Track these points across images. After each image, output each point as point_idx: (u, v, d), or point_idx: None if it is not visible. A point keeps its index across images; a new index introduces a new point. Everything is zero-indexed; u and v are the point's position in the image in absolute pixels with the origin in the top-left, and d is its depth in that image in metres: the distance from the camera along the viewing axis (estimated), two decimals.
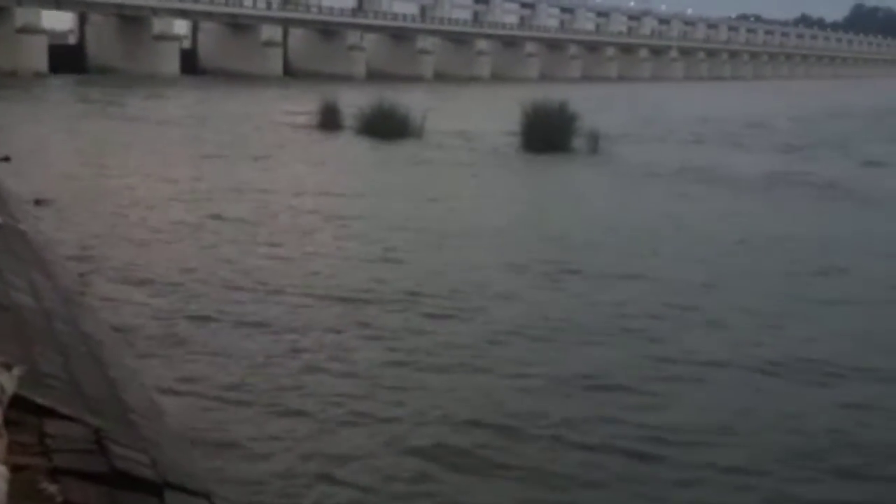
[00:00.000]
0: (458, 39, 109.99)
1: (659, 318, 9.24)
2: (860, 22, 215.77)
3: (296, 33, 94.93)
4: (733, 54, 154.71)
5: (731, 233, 14.07)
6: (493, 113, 36.51)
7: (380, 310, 9.31)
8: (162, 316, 8.92)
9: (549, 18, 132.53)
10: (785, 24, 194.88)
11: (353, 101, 31.00)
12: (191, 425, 6.12)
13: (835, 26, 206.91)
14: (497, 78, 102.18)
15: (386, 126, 28.22)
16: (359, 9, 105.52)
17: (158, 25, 76.84)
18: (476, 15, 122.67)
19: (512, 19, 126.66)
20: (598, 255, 12.30)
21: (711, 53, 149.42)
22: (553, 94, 27.31)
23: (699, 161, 24.02)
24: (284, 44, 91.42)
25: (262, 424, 6.44)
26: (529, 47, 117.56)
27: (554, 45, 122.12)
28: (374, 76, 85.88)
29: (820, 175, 21.65)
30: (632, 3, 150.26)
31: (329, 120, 30.98)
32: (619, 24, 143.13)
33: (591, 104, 36.20)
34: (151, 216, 14.41)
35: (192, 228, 13.47)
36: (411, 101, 31.66)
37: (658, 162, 23.61)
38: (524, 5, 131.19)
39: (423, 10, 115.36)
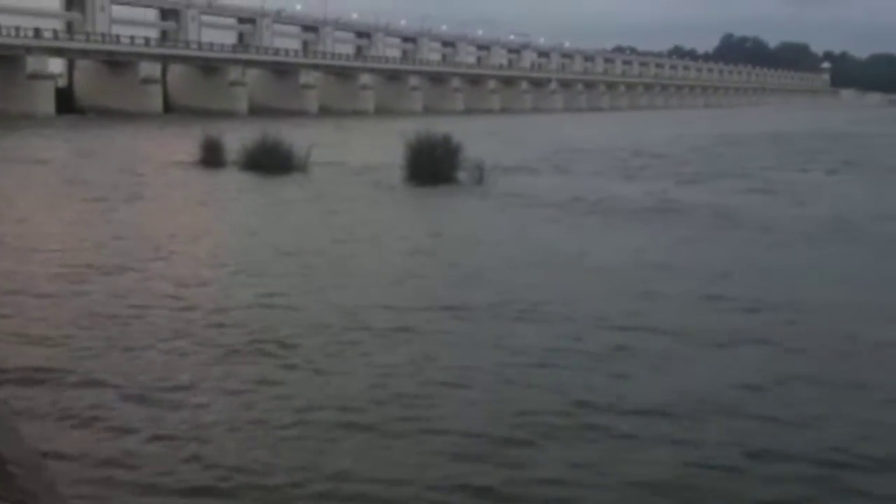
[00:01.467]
0: (342, 73, 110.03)
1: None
2: (729, 52, 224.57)
3: (175, 69, 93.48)
4: (610, 86, 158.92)
5: (600, 259, 14.39)
6: (379, 146, 36.60)
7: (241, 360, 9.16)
8: None
9: (431, 52, 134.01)
10: (659, 55, 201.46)
11: (236, 136, 30.61)
12: None
13: (706, 57, 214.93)
14: (381, 111, 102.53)
15: (270, 161, 27.96)
16: (240, 44, 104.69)
17: (32, 64, 74.66)
18: (359, 49, 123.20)
19: (395, 53, 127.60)
20: (484, 294, 12.35)
21: (589, 85, 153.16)
22: (438, 126, 27.49)
23: (584, 191, 24.47)
24: (164, 80, 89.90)
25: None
26: (413, 81, 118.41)
27: (437, 79, 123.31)
28: (258, 111, 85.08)
29: (701, 201, 22.27)
30: (511, 37, 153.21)
31: (212, 157, 30.49)
32: (499, 58, 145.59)
33: (476, 136, 36.66)
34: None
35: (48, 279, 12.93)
36: (295, 135, 31.44)
37: (541, 193, 23.97)
38: (406, 39, 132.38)
39: (305, 44, 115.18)
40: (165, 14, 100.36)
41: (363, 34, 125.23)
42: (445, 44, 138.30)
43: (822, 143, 50.75)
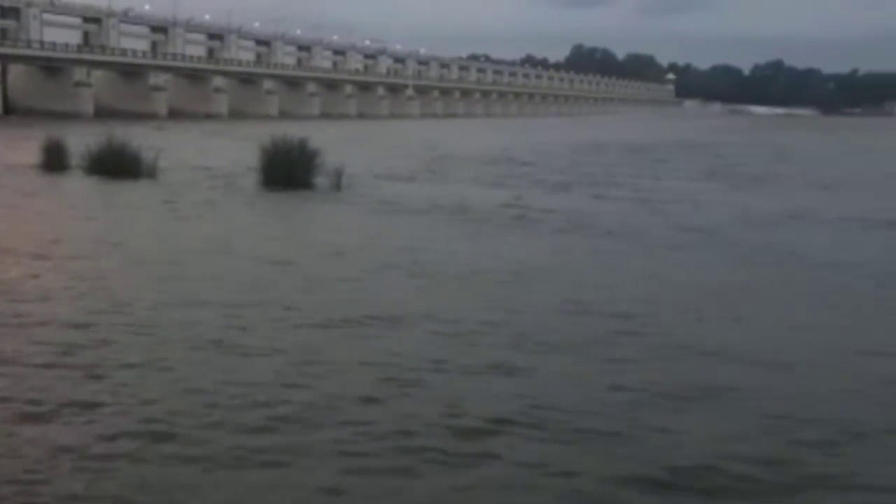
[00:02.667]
0: (193, 76, 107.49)
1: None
2: (580, 62, 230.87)
3: (16, 70, 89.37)
4: (466, 93, 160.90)
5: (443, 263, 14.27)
6: (232, 150, 35.65)
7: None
8: None
9: (286, 56, 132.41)
10: (512, 64, 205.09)
11: (81, 139, 29.20)
12: None
13: (557, 66, 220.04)
14: (236, 115, 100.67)
15: (117, 165, 26.76)
16: (85, 44, 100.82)
17: None
18: (211, 51, 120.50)
19: (249, 56, 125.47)
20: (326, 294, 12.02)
21: (445, 92, 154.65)
22: (293, 130, 26.92)
23: (446, 196, 24.36)
24: (3, 81, 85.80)
25: None
26: (268, 84, 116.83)
27: (292, 83, 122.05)
28: (104, 113, 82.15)
29: (571, 208, 22.49)
30: (367, 42, 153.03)
31: (54, 160, 29.02)
32: (355, 62, 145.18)
33: (334, 141, 36.17)
34: None
35: None
36: (144, 138, 30.27)
37: (400, 198, 23.76)
38: (260, 42, 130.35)
39: (154, 46, 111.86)
40: (5, 12, 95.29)
41: (215, 36, 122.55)
42: (301, 47, 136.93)
43: (678, 151, 52.50)
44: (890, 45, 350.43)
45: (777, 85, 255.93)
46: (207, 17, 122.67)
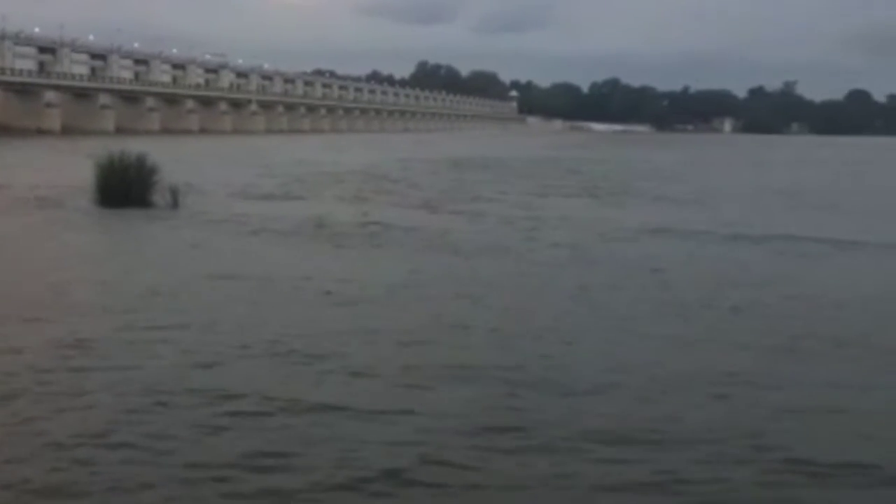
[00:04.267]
0: (23, 91, 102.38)
1: None
2: (425, 79, 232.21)
3: None
4: (311, 108, 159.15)
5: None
6: (65, 167, 33.71)
7: None
8: None
9: (122, 70, 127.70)
10: (358, 79, 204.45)
11: None
12: None
13: (402, 83, 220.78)
14: (69, 131, 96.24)
15: None
16: None
17: None
18: (42, 65, 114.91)
19: (83, 70, 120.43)
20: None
21: (290, 107, 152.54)
22: (131, 146, 25.54)
23: (285, 214, 23.57)
24: None
25: None
26: (103, 99, 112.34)
27: (130, 98, 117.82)
28: None
29: (426, 224, 22.02)
30: (208, 56, 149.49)
31: None
32: (196, 77, 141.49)
33: (175, 157, 34.69)
34: None
35: None
36: None
37: (241, 216, 22.81)
38: (95, 55, 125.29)
39: None
40: None
41: (47, 49, 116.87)
42: (138, 61, 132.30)
43: (537, 167, 53.12)
44: (718, 64, 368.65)
45: (614, 102, 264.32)
46: (37, 29, 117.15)
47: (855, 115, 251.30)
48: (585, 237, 20.23)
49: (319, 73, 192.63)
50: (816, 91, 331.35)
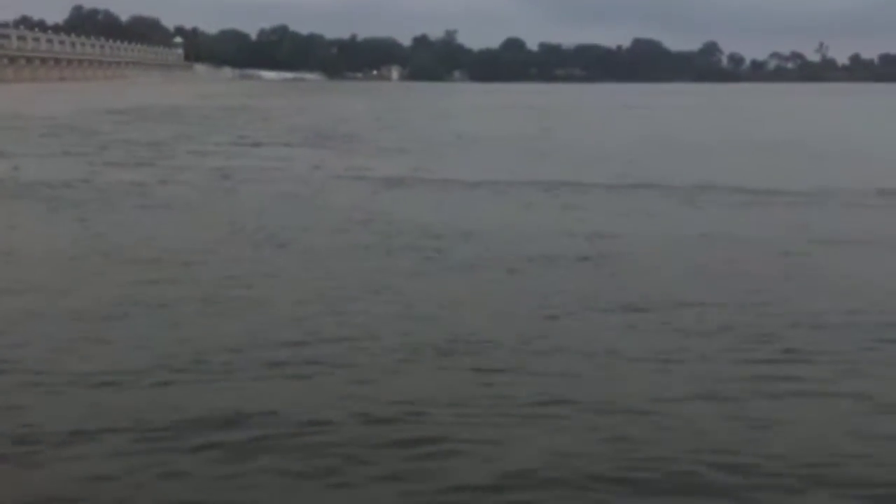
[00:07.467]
0: None
1: None
2: (82, 25, 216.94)
3: None
4: None
5: None
6: None
7: None
8: None
9: None
10: (6, 25, 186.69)
11: None
12: None
13: (56, 29, 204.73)
14: None
15: None
16: None
17: None
18: None
19: None
20: None
21: None
22: None
23: None
24: None
25: None
26: None
27: None
28: None
29: None
30: None
31: None
32: None
33: None
34: None
35: None
36: None
37: None
38: None
39: None
40: None
41: None
42: None
43: (231, 116, 50.82)
44: (384, 12, 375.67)
45: (283, 50, 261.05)
46: None
47: (511, 63, 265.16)
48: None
49: None
50: (475, 39, 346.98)
